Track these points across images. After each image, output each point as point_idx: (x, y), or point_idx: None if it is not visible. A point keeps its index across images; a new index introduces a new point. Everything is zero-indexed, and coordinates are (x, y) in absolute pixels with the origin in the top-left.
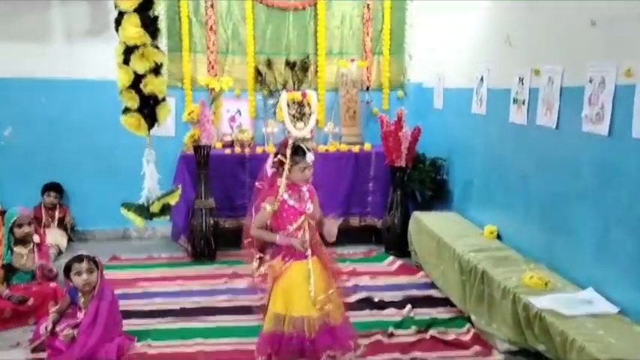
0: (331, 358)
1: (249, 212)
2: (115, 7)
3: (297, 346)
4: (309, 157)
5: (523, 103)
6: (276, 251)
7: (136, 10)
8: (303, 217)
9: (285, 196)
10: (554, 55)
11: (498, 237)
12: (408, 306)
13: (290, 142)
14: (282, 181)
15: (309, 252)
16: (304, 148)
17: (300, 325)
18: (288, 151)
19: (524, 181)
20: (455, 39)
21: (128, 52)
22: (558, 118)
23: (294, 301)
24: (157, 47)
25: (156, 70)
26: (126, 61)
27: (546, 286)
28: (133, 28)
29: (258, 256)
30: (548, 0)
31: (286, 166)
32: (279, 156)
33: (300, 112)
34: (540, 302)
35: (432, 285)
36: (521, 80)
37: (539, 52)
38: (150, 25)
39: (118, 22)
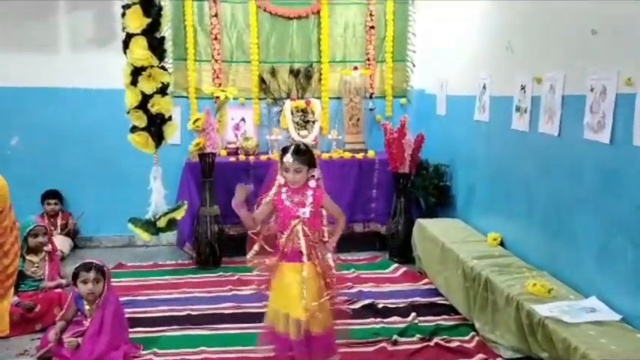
0: None
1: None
2: (123, 29)
3: (285, 348)
4: (287, 158)
5: (525, 110)
6: (276, 250)
7: (143, 32)
8: (295, 222)
9: (283, 196)
10: (555, 64)
11: (502, 244)
12: (413, 314)
13: (289, 142)
14: (278, 178)
15: (304, 258)
16: (290, 148)
17: (292, 326)
18: (280, 151)
19: (527, 188)
20: (457, 46)
21: (136, 73)
22: (560, 125)
23: (285, 301)
24: (163, 68)
25: (162, 90)
26: (134, 82)
27: (549, 294)
28: (140, 51)
29: (257, 247)
30: (549, 8)
31: (278, 164)
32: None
33: (303, 120)
34: (543, 310)
35: (435, 292)
36: (523, 88)
37: (541, 61)
38: (157, 47)
39: (126, 44)
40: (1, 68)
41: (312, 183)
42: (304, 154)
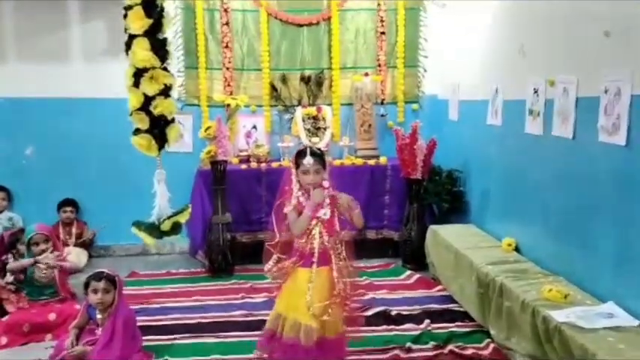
0: None
1: (271, 221)
2: (125, 30)
3: (292, 354)
4: (307, 160)
5: (538, 114)
6: (292, 256)
7: (145, 33)
8: (314, 222)
9: (302, 199)
10: (568, 66)
11: (517, 249)
12: (426, 321)
13: (301, 147)
14: (294, 184)
15: (314, 259)
16: (306, 151)
17: (298, 331)
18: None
19: (542, 193)
20: (469, 51)
21: (138, 74)
22: (574, 128)
23: (297, 306)
24: (166, 69)
25: (165, 91)
26: (136, 84)
27: (566, 299)
28: (142, 52)
29: (276, 256)
30: (561, 11)
31: (293, 170)
32: (291, 160)
33: (315, 127)
34: (560, 315)
35: (450, 298)
36: (536, 91)
37: (554, 64)
38: (159, 49)
39: (128, 45)
40: (16, 79)
41: (326, 183)
42: (320, 155)
